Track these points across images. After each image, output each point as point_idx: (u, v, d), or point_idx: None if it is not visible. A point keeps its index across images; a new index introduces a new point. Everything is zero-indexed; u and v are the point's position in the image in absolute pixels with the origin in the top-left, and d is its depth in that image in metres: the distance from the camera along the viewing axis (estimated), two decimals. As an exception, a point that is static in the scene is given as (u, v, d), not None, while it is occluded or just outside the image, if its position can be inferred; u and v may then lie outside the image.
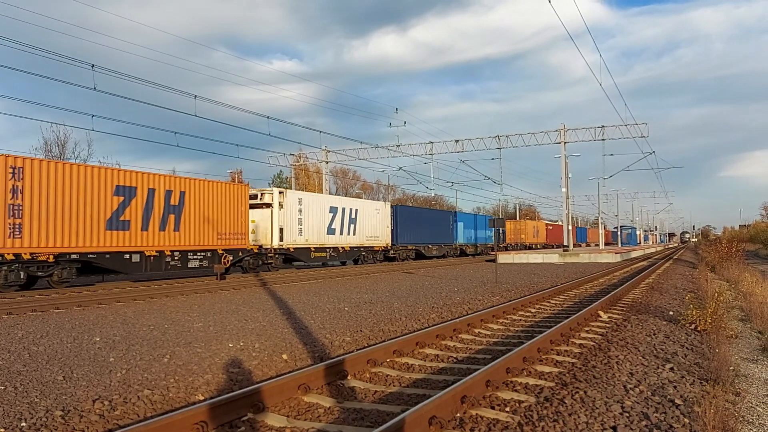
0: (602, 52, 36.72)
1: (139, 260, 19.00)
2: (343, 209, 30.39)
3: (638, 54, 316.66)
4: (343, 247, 30.21)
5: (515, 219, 74.44)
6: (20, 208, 15.70)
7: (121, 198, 18.42)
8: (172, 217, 20.01)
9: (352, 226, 31.00)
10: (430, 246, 40.65)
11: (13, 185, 15.57)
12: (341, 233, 30.01)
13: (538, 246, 67.25)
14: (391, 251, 35.32)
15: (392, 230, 35.28)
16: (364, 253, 32.59)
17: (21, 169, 15.77)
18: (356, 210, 31.58)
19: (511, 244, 61.74)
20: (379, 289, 16.52)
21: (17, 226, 15.65)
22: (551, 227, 74.50)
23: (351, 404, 5.46)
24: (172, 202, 20.06)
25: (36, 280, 17.37)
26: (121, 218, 18.40)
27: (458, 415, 4.96)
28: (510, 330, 9.70)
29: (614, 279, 21.40)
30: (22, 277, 16.03)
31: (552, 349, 7.70)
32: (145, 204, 19.13)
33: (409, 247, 37.72)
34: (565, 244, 42.31)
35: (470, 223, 49.81)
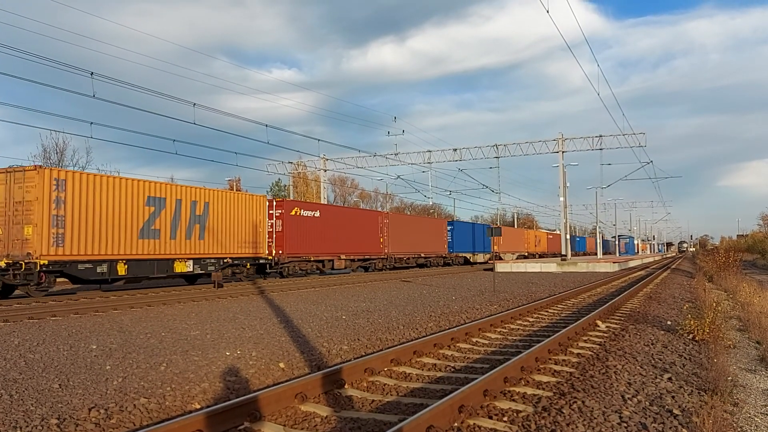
0: (599, 63, 36.86)
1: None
2: None
3: (635, 64, 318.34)
4: None
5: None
6: None
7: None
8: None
9: None
10: None
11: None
12: None
13: (335, 262, 29.68)
14: None
15: None
16: None
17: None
18: None
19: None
20: (377, 297, 16.48)
21: None
22: (391, 220, 36.14)
23: (348, 413, 5.44)
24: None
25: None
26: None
27: (456, 424, 4.94)
28: (508, 339, 9.68)
29: (612, 288, 21.39)
30: None
31: (550, 359, 7.69)
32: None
33: None
34: (563, 253, 42.35)
35: None
